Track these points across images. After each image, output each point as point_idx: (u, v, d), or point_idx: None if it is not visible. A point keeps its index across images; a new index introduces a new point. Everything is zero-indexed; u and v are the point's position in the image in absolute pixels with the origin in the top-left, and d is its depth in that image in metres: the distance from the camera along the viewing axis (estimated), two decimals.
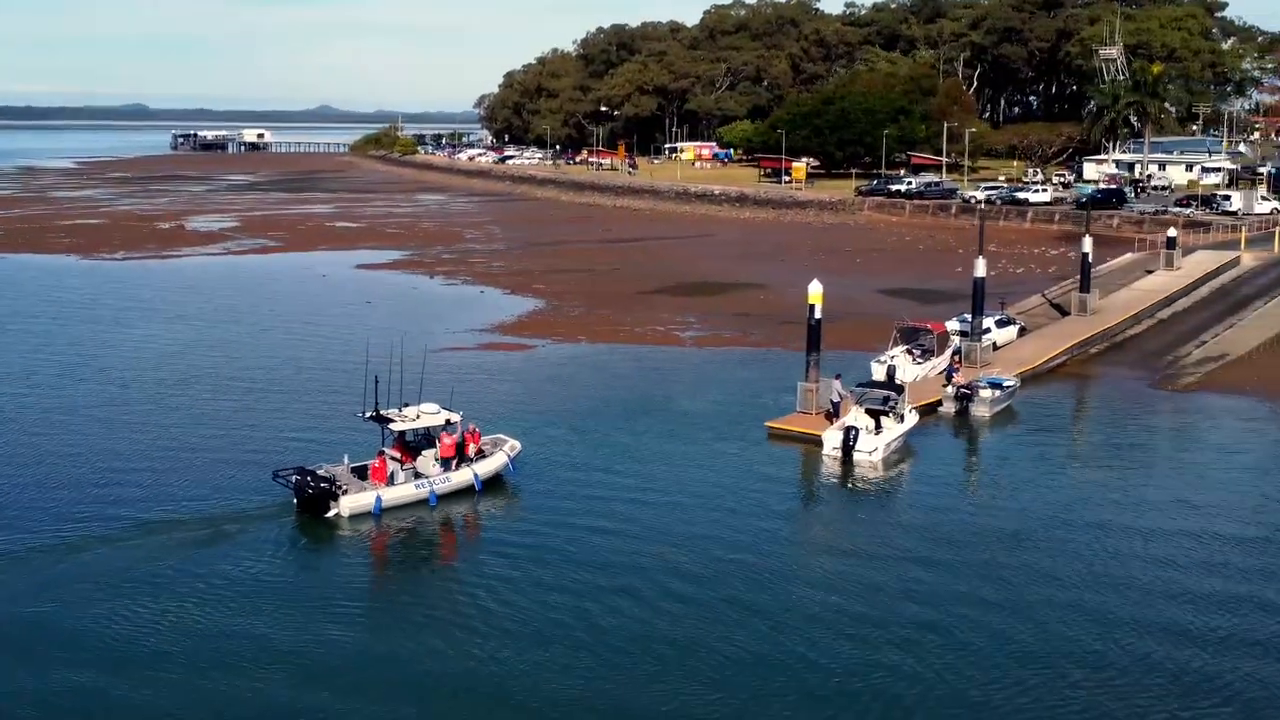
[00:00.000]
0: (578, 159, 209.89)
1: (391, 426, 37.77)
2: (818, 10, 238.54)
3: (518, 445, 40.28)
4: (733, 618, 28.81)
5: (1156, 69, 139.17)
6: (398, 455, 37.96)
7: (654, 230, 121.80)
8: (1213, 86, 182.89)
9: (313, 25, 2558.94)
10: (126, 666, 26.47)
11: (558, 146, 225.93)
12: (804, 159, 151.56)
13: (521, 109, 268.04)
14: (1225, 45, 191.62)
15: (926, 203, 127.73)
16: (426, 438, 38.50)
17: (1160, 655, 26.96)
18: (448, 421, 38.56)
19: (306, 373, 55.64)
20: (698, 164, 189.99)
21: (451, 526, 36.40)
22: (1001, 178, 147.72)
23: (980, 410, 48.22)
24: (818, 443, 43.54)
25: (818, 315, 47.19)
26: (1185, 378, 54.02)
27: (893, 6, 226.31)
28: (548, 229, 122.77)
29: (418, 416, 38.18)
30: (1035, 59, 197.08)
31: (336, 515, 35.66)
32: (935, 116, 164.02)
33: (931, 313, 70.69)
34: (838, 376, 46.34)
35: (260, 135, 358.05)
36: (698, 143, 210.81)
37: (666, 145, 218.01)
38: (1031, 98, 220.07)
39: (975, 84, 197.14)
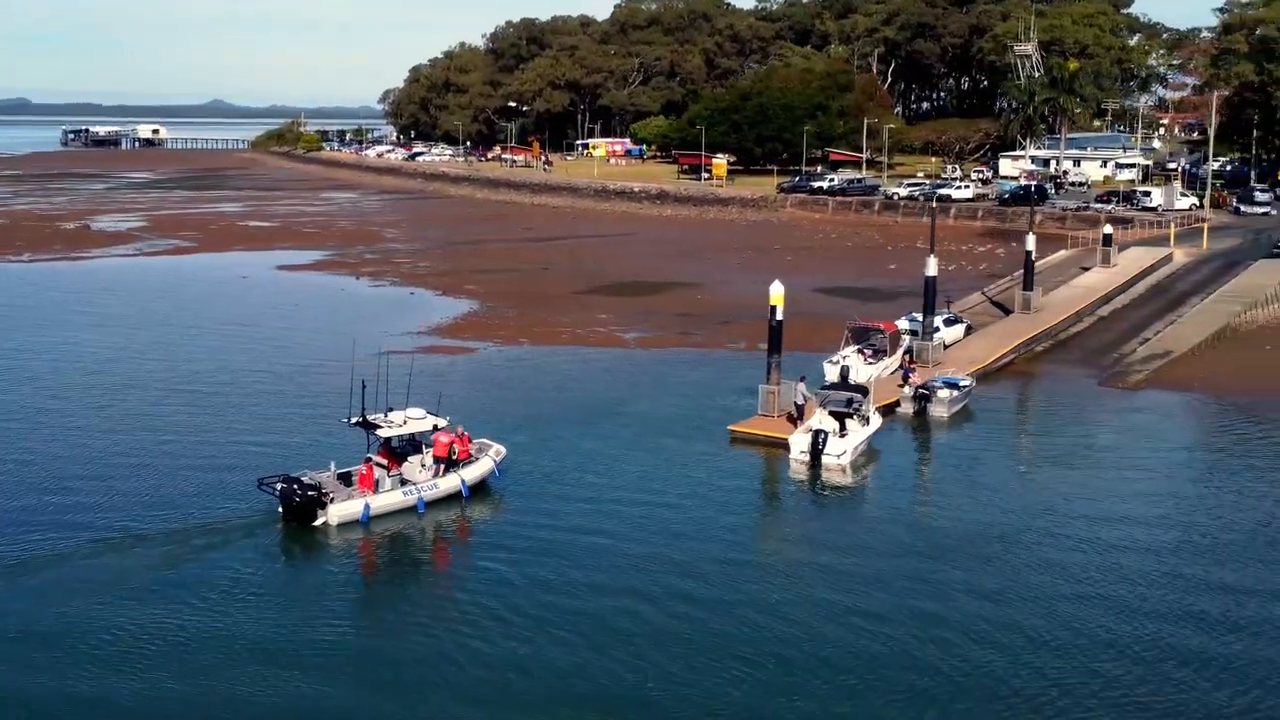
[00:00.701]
0: (490, 156, 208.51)
1: (379, 433, 37.11)
2: (730, 5, 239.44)
3: (503, 450, 39.79)
4: (721, 623, 28.65)
5: (1073, 65, 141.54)
6: (384, 462, 37.32)
7: (577, 228, 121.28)
8: (1120, 82, 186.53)
9: (203, 19, 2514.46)
10: (117, 675, 26.06)
11: (468, 143, 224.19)
12: (723, 155, 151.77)
13: (429, 105, 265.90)
14: (1132, 41, 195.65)
15: (849, 200, 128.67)
16: (412, 443, 37.92)
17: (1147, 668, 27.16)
18: (435, 427, 38.02)
19: (254, 377, 54.41)
20: (611, 161, 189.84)
21: (440, 534, 35.81)
22: (920, 173, 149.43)
23: (939, 411, 48.41)
24: (784, 446, 43.38)
25: (779, 316, 47.00)
26: (1133, 375, 54.75)
27: (804, 1, 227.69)
28: (468, 228, 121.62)
29: (405, 422, 37.55)
30: (948, 55, 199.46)
31: (324, 524, 34.98)
32: (852, 112, 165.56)
33: (871, 311, 71.10)
34: (802, 379, 46.24)
35: (155, 131, 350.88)
36: (610, 139, 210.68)
37: (579, 141, 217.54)
38: (944, 94, 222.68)
39: (889, 80, 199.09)
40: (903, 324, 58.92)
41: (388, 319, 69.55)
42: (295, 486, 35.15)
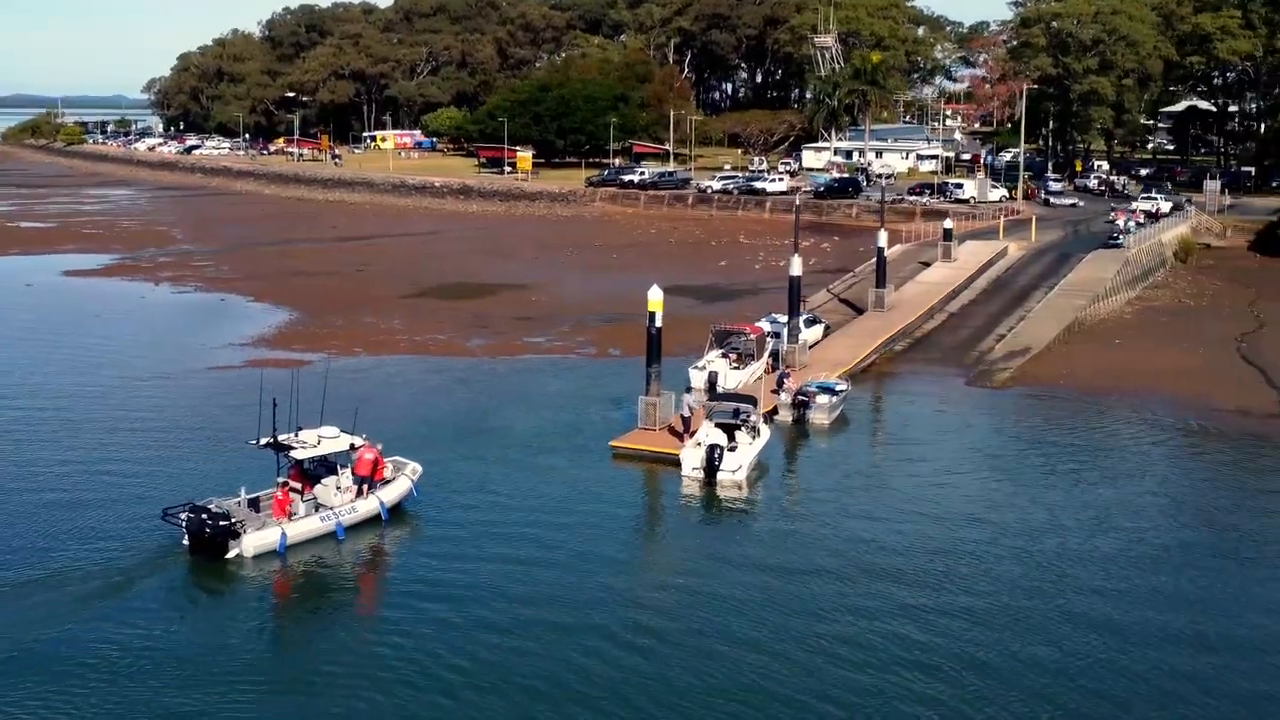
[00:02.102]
0: (273, 149, 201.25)
1: (293, 454, 34.39)
2: None
3: (419, 468, 37.50)
4: (648, 662, 26.99)
5: (876, 57, 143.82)
6: (298, 485, 34.69)
7: (383, 226, 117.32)
8: (908, 75, 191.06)
9: None
10: None
11: (248, 135, 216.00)
12: (527, 149, 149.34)
13: (200, 95, 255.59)
14: (919, 33, 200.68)
15: (661, 193, 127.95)
16: (324, 464, 35.32)
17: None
18: (352, 446, 35.55)
19: (89, 398, 50.16)
20: (402, 154, 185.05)
21: (362, 565, 33.57)
22: (727, 166, 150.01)
23: (819, 418, 47.41)
24: (672, 462, 41.69)
25: (658, 324, 45.13)
26: (999, 374, 54.92)
27: None
28: (268, 227, 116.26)
29: (319, 442, 34.92)
30: (743, 46, 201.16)
31: (238, 556, 32.33)
32: (652, 104, 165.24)
33: (717, 311, 70.31)
34: (689, 389, 44.57)
35: None
36: (399, 131, 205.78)
37: (366, 134, 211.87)
38: (740, 85, 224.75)
39: (686, 71, 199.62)
40: (764, 326, 57.83)
41: (204, 330, 65.34)
42: (204, 516, 32.41)
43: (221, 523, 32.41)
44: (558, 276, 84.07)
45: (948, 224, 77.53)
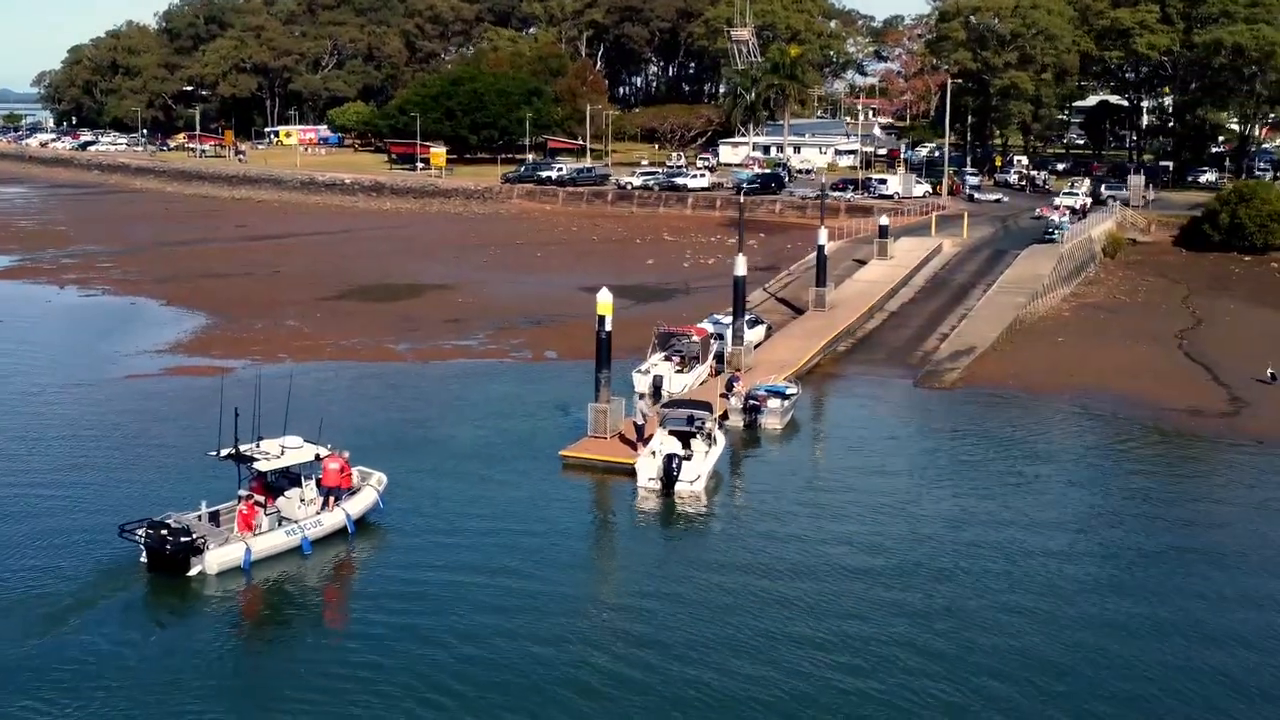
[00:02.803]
0: (173, 145, 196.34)
1: (256, 466, 32.91)
2: None
3: (384, 478, 36.38)
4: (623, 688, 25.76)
5: (795, 51, 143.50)
6: (261, 498, 33.38)
7: (295, 225, 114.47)
8: (821, 69, 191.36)
9: None
10: None
11: (146, 131, 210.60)
12: (440, 144, 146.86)
13: (94, 88, 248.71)
14: (832, 26, 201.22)
15: (580, 190, 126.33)
16: (287, 475, 33.99)
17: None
18: (317, 456, 34.28)
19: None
20: (307, 150, 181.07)
21: (329, 581, 32.46)
22: (644, 161, 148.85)
23: (772, 423, 46.41)
24: (626, 472, 40.44)
25: (608, 327, 43.67)
26: (946, 374, 54.37)
27: None
28: (174, 226, 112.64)
29: (282, 453, 33.52)
30: (656, 40, 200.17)
31: (201, 573, 31.12)
32: (566, 98, 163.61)
33: (652, 311, 69.31)
34: (642, 396, 43.28)
35: None
36: (303, 126, 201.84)
37: (268, 129, 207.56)
38: (653, 79, 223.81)
39: (599, 64, 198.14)
40: (707, 327, 56.69)
41: (117, 336, 62.83)
42: (165, 532, 31.09)
43: (183, 538, 31.13)
44: (482, 276, 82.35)
45: (884, 220, 76.93)
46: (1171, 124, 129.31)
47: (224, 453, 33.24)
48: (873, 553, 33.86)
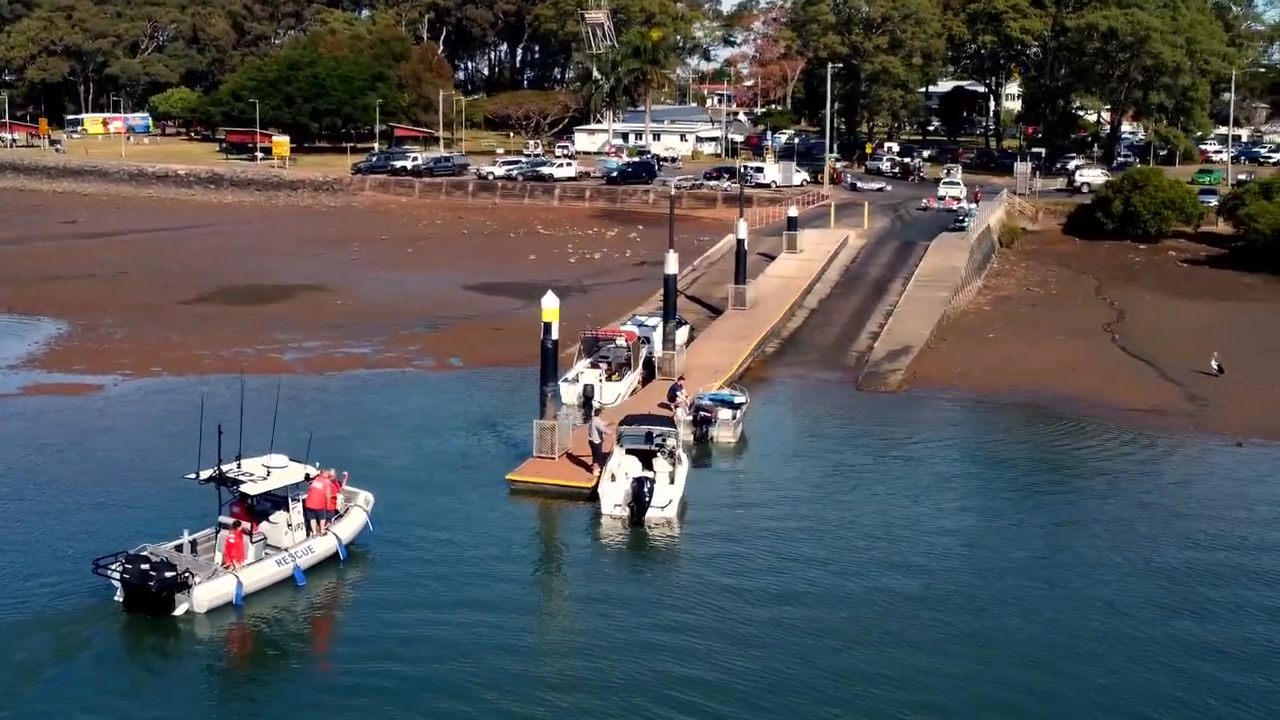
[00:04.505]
0: None
1: (244, 489, 30.01)
2: None
3: (370, 497, 33.44)
4: None
5: (656, 34, 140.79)
6: (246, 524, 30.21)
7: (130, 220, 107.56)
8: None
9: None
10: None
11: None
12: (283, 133, 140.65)
13: None
14: (680, 9, 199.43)
15: (438, 180, 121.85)
16: (270, 498, 30.89)
17: None
18: (307, 476, 31.58)
19: None
20: (115, 138, 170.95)
21: (323, 615, 29.80)
22: (500, 150, 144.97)
23: (725, 435, 43.56)
24: (581, 497, 37.15)
25: (555, 335, 40.21)
26: (889, 376, 52.20)
27: None
28: None
29: (268, 474, 30.40)
30: (500, 23, 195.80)
31: (188, 612, 28.25)
32: (410, 84, 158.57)
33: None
34: (597, 411, 39.88)
35: None
36: (109, 114, 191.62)
37: (70, 117, 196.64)
38: (497, 65, 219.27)
39: (442, 49, 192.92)
40: (632, 330, 53.54)
41: None
42: (146, 566, 28.09)
43: (167, 573, 28.09)
44: (354, 276, 77.81)
45: (793, 212, 74.54)
46: (1046, 110, 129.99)
47: (205, 475, 30.15)
48: (905, 574, 31.42)
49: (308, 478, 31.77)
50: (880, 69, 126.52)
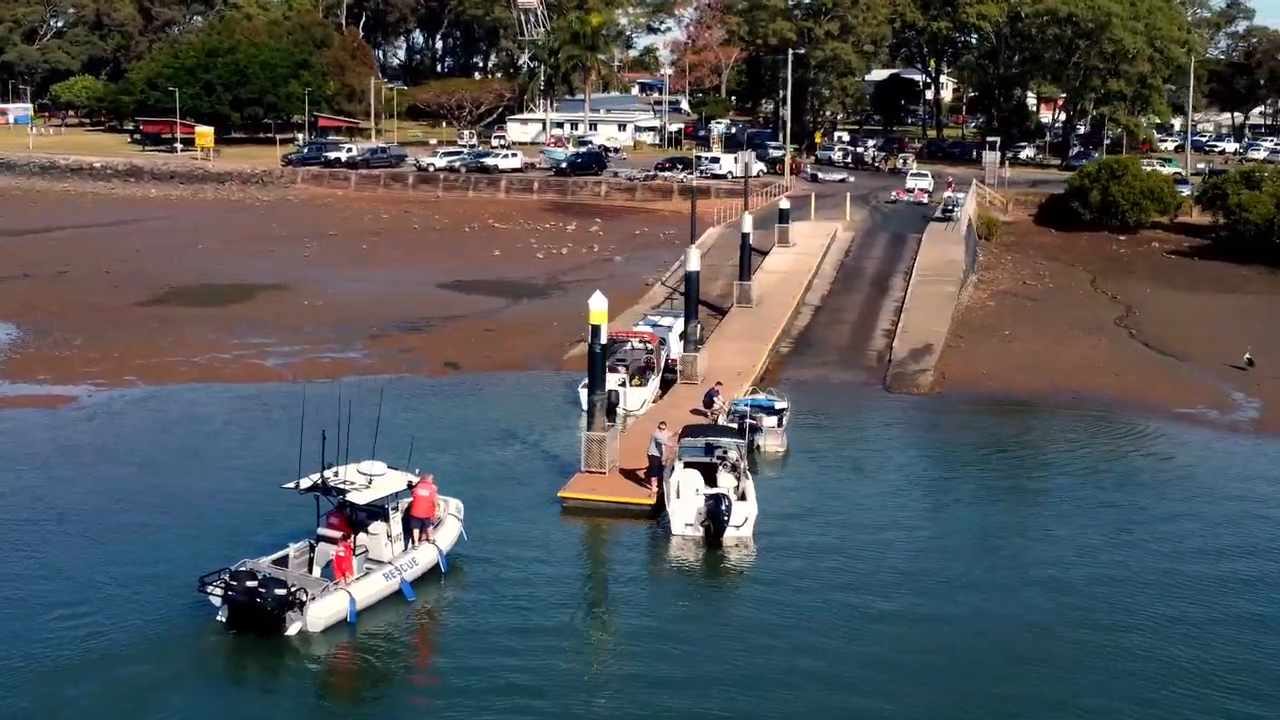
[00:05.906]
0: None
1: (350, 499, 28.66)
2: None
3: (460, 504, 32.02)
4: None
5: (597, 20, 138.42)
6: (345, 535, 29.22)
7: (53, 216, 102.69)
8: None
9: None
10: None
11: None
12: (204, 123, 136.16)
13: None
14: None
15: (375, 172, 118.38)
16: (370, 507, 29.50)
17: None
18: (409, 484, 30.08)
19: None
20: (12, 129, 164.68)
21: (437, 633, 28.38)
22: (433, 141, 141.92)
23: (772, 444, 41.58)
24: (644, 514, 35.00)
25: (603, 339, 37.92)
26: (918, 378, 50.63)
27: None
28: None
29: (370, 483, 28.96)
30: (420, 8, 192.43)
31: (301, 632, 26.83)
32: (333, 72, 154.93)
33: (537, 310, 64.64)
34: (662, 424, 37.52)
35: None
36: (6, 104, 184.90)
37: None
38: (418, 52, 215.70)
39: (362, 35, 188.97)
40: (646, 329, 51.41)
41: None
42: (254, 583, 26.68)
43: (278, 590, 26.63)
44: (314, 274, 74.63)
45: (784, 204, 72.64)
46: (1000, 98, 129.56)
47: (305, 484, 28.72)
48: (1034, 590, 29.72)
49: (410, 485, 30.05)
50: (831, 55, 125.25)
